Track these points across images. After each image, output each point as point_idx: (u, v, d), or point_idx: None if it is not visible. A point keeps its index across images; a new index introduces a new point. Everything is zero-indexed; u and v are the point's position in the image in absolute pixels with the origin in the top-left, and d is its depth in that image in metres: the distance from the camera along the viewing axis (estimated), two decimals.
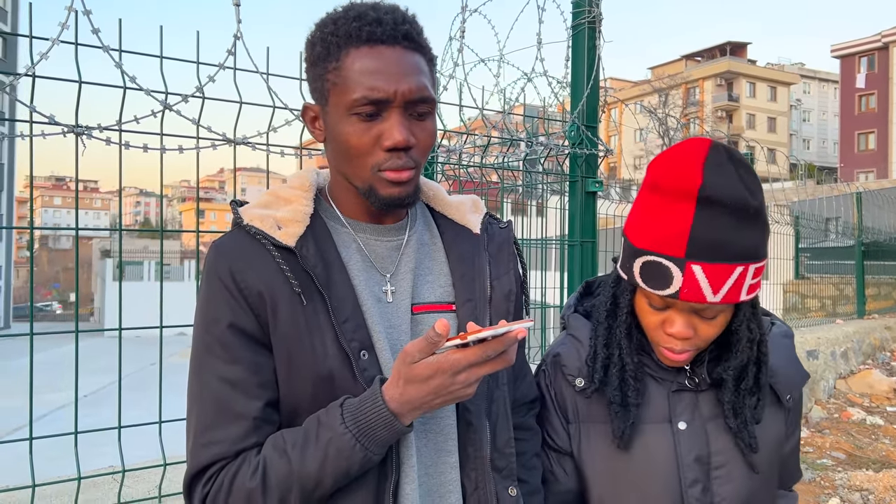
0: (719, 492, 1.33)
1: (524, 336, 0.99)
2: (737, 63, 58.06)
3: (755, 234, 1.21)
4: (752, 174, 1.22)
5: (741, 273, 1.20)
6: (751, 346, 1.31)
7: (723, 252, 1.18)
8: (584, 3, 2.72)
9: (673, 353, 1.29)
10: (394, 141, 1.05)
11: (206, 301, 1.09)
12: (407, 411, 1.01)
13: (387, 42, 1.07)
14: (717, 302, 1.21)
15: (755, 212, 1.20)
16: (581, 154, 2.72)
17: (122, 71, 1.74)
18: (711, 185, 1.18)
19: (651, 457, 1.35)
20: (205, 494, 1.04)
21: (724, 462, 1.34)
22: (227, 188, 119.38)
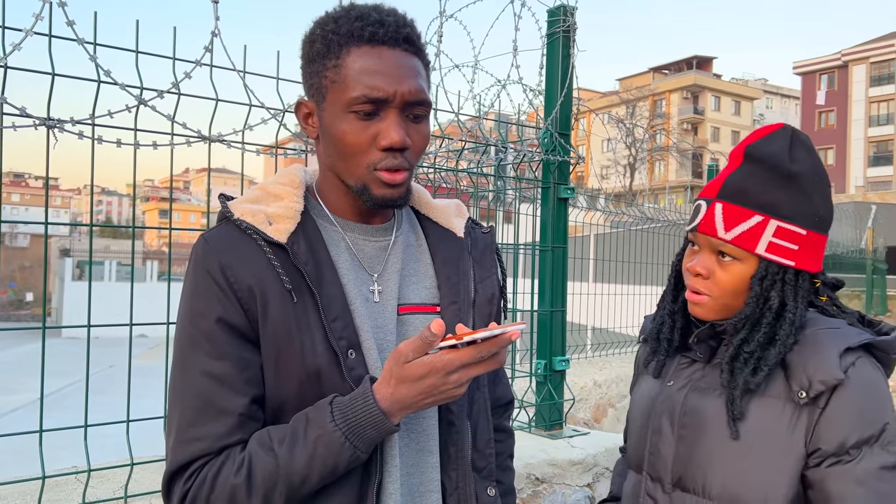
0: (683, 450, 1.39)
1: (517, 338, 1.01)
2: (703, 77, 59.17)
3: (784, 194, 1.32)
4: (806, 151, 1.35)
5: (759, 223, 1.32)
6: (758, 306, 1.33)
7: (745, 198, 1.33)
8: (559, 13, 2.76)
9: (693, 294, 1.40)
10: (390, 141, 1.07)
11: (192, 295, 1.08)
12: (397, 410, 1.02)
13: (388, 43, 1.08)
14: (728, 241, 1.33)
15: (789, 175, 1.32)
16: (554, 161, 2.76)
17: (97, 64, 1.71)
18: (758, 146, 1.35)
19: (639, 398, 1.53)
20: (185, 491, 1.04)
21: (689, 424, 1.40)
22: (191, 188, 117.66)
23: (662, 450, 1.42)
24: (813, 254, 1.37)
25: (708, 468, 1.35)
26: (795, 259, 1.34)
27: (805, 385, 1.28)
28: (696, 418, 1.38)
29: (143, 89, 1.77)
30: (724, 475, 1.33)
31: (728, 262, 1.35)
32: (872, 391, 1.28)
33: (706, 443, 1.35)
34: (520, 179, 2.94)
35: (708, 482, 1.34)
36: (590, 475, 2.61)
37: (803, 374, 1.29)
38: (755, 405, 1.33)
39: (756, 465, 1.31)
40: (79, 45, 1.68)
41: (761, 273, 1.34)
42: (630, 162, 44.75)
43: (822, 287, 1.43)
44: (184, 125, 1.84)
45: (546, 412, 2.80)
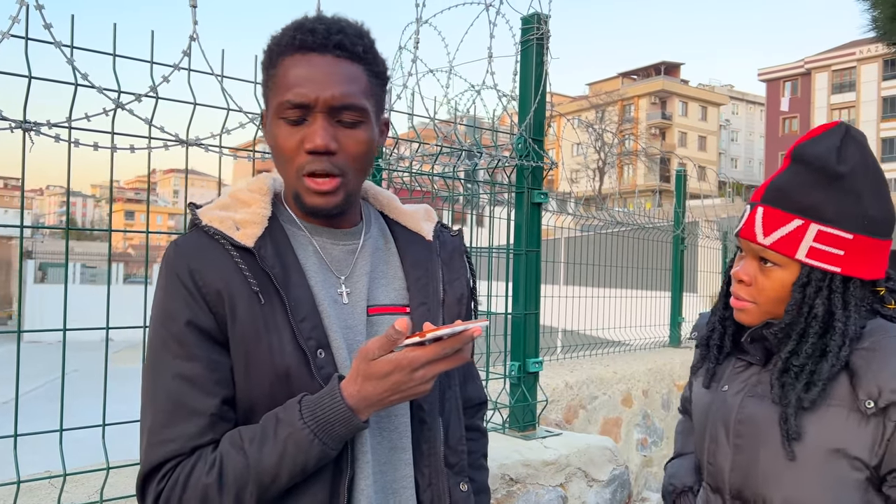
0: (740, 460, 1.35)
1: (480, 334, 1.04)
2: (670, 82, 60.10)
3: (827, 196, 1.26)
4: (861, 152, 1.28)
5: (799, 227, 1.27)
6: (801, 315, 1.29)
7: (785, 201, 1.28)
8: (533, 21, 2.81)
9: (736, 300, 1.37)
10: (313, 144, 1.09)
11: (163, 299, 1.11)
12: (364, 407, 1.05)
13: (317, 50, 1.11)
14: (766, 246, 1.29)
15: (835, 175, 1.25)
16: (528, 166, 2.80)
17: (74, 67, 1.71)
18: (807, 146, 1.29)
19: (698, 404, 1.50)
20: (159, 492, 1.05)
21: (744, 433, 1.35)
22: (158, 189, 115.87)
23: (719, 459, 1.38)
24: (866, 260, 1.28)
25: (767, 482, 1.30)
26: (842, 265, 1.27)
27: (874, 395, 1.22)
28: (752, 427, 1.34)
29: (121, 93, 1.77)
30: (786, 491, 1.28)
31: (770, 268, 1.31)
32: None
33: (764, 454, 1.30)
34: (494, 184, 2.98)
35: (768, 497, 1.30)
36: (562, 475, 2.66)
37: (873, 382, 1.22)
38: (813, 415, 1.26)
39: (819, 480, 1.25)
40: (56, 48, 1.67)
41: (803, 280, 1.28)
42: (599, 166, 45.24)
43: (889, 294, 1.36)
44: (161, 129, 1.84)
45: (520, 413, 2.84)
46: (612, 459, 2.86)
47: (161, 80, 1.83)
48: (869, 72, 49.70)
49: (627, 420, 4.51)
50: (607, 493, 2.78)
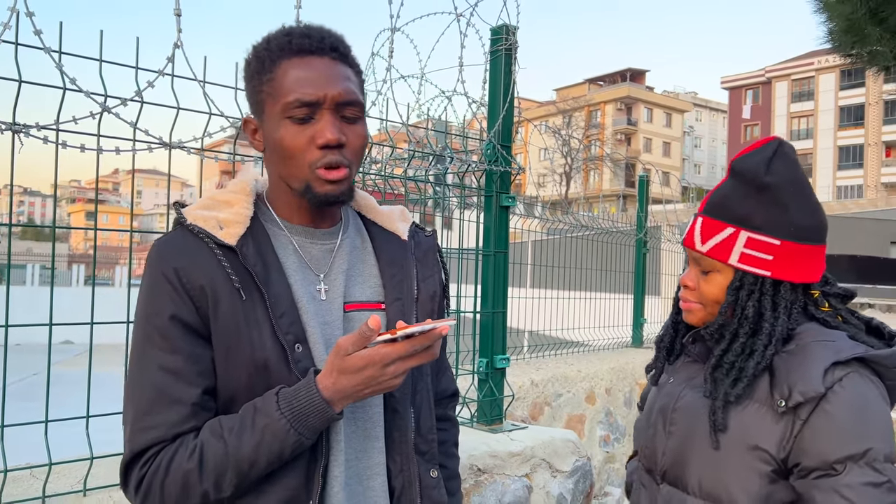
0: (672, 445, 1.47)
1: (448, 332, 1.11)
2: (636, 89, 60.87)
3: (756, 205, 1.37)
4: (788, 164, 1.38)
5: (731, 234, 1.38)
6: (734, 316, 1.39)
7: (720, 211, 1.40)
8: (501, 32, 2.92)
9: (683, 304, 1.50)
10: (326, 139, 1.15)
11: (148, 294, 1.16)
12: (338, 399, 1.10)
13: (316, 53, 1.18)
14: (704, 252, 1.42)
15: (762, 186, 1.36)
16: (496, 171, 2.92)
17: (62, 72, 1.77)
18: (740, 160, 1.40)
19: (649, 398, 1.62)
20: (141, 476, 1.10)
21: (678, 421, 1.47)
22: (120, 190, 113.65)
23: (656, 443, 1.50)
24: (796, 265, 1.37)
25: (690, 466, 1.41)
26: (771, 269, 1.37)
27: (785, 394, 1.30)
28: (685, 415, 1.45)
29: (107, 97, 1.84)
30: (701, 474, 1.39)
31: (710, 274, 1.43)
32: (858, 408, 1.27)
33: (692, 441, 1.41)
34: (464, 188, 3.09)
35: (690, 478, 1.41)
36: (528, 466, 2.77)
37: (785, 383, 1.31)
38: (738, 409, 1.36)
39: (729, 467, 1.34)
40: (45, 53, 1.74)
41: (736, 283, 1.39)
42: (566, 171, 45.67)
43: (823, 297, 1.43)
44: (146, 132, 1.91)
45: (487, 408, 2.95)
46: (575, 451, 2.98)
47: (146, 86, 1.89)
48: (827, 81, 51.00)
49: (591, 417, 4.64)
50: (570, 484, 2.90)
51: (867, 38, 7.62)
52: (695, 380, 1.49)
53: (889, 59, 7.91)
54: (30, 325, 1.76)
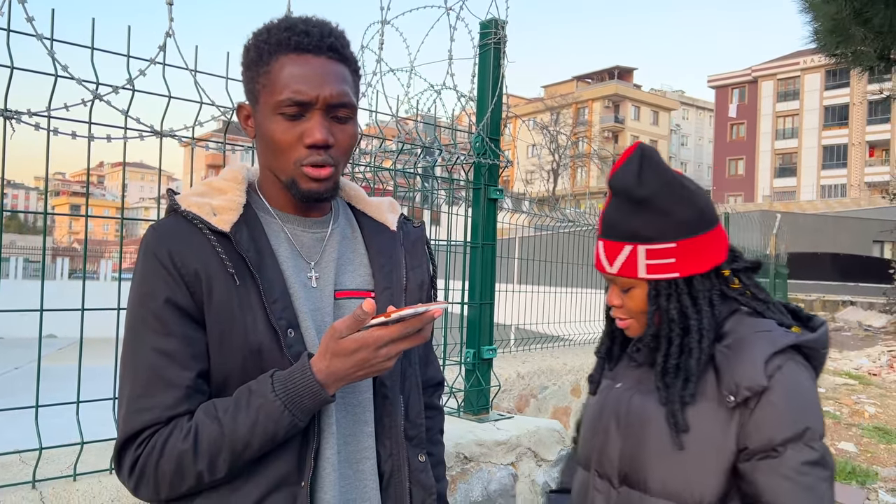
0: (627, 449, 1.48)
1: (440, 315, 1.13)
2: (623, 87, 61.07)
3: (640, 219, 1.42)
4: (655, 170, 1.43)
5: (631, 252, 1.43)
6: (662, 323, 1.44)
7: (614, 231, 1.45)
8: (490, 26, 2.95)
9: (619, 323, 1.54)
10: (314, 139, 1.17)
11: (142, 278, 1.17)
12: (332, 382, 1.12)
13: (313, 51, 1.20)
14: (615, 273, 1.46)
15: (640, 200, 1.41)
16: (485, 164, 2.95)
17: (54, 59, 1.78)
18: (615, 177, 1.44)
19: (592, 400, 1.63)
20: (136, 457, 1.12)
21: (633, 423, 1.49)
22: (105, 183, 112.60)
23: (609, 448, 1.51)
24: (698, 256, 1.43)
25: (650, 467, 1.42)
26: (678, 270, 1.42)
27: (733, 390, 1.35)
28: (639, 418, 1.46)
29: (99, 84, 1.84)
30: (665, 475, 1.41)
31: (629, 290, 1.48)
32: (797, 393, 1.35)
33: (648, 442, 1.43)
34: (452, 180, 3.11)
35: (650, 480, 1.43)
36: (513, 454, 2.81)
37: (731, 379, 1.36)
38: (692, 409, 1.39)
39: (692, 466, 1.38)
40: (37, 40, 1.74)
41: (652, 293, 1.44)
42: (553, 167, 45.80)
43: (734, 274, 1.49)
44: (137, 120, 1.92)
45: (474, 398, 2.98)
46: (560, 441, 3.02)
47: (138, 74, 1.90)
48: (812, 81, 51.41)
49: (576, 409, 4.68)
50: (555, 472, 2.94)
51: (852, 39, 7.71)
52: (643, 384, 1.51)
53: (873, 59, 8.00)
54: (20, 310, 1.76)
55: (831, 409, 6.93)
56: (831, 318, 20.26)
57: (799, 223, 27.23)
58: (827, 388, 7.94)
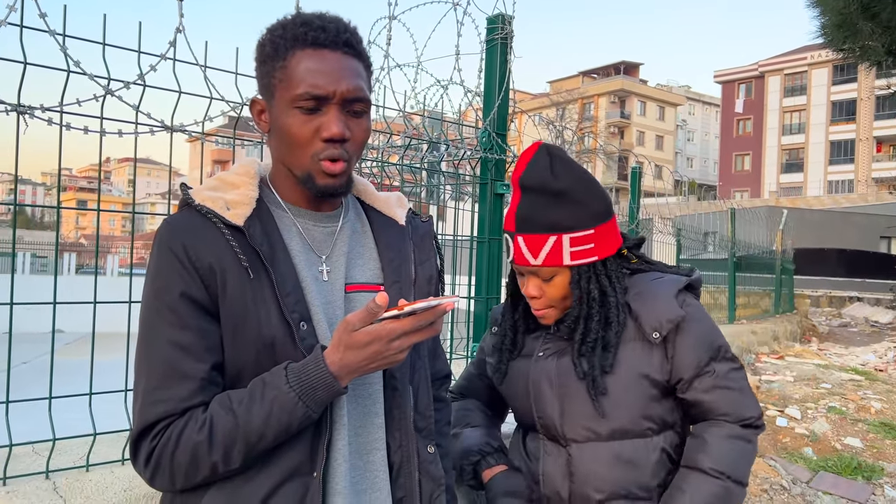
0: (566, 407, 1.63)
1: (452, 308, 1.17)
2: (630, 82, 60.94)
3: (561, 210, 1.54)
4: (566, 165, 1.57)
5: (555, 242, 1.55)
6: (584, 303, 1.59)
7: (534, 225, 1.54)
8: (497, 21, 2.96)
9: (536, 311, 1.65)
10: (331, 133, 1.19)
11: (157, 272, 1.19)
12: (345, 374, 1.14)
13: (329, 46, 1.21)
14: (541, 265, 1.56)
15: (557, 192, 1.54)
16: (491, 159, 2.96)
17: (67, 55, 1.80)
18: (526, 175, 1.56)
19: (516, 375, 1.74)
20: (152, 448, 1.14)
21: (566, 384, 1.63)
22: (112, 179, 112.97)
23: (549, 411, 1.65)
24: (609, 240, 1.61)
25: (591, 416, 1.60)
26: (596, 253, 1.58)
27: (658, 326, 1.57)
28: (568, 379, 1.62)
29: (111, 80, 1.86)
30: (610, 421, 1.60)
31: (551, 280, 1.60)
32: (704, 318, 1.63)
33: (584, 396, 1.60)
34: (458, 175, 3.12)
35: (594, 427, 1.61)
36: None
37: (654, 318, 1.58)
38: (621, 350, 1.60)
39: (630, 403, 1.59)
40: (50, 36, 1.76)
41: (575, 277, 1.59)
42: None
43: (630, 251, 1.72)
44: (148, 115, 1.94)
45: None
46: None
47: (148, 69, 1.92)
48: (819, 76, 51.17)
49: None
50: None
51: (859, 33, 7.68)
52: (563, 352, 1.66)
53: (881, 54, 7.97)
54: (32, 303, 1.78)
55: (837, 405, 6.92)
56: (838, 314, 20.21)
57: (805, 219, 27.15)
58: (833, 384, 7.93)
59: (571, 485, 1.63)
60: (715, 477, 1.54)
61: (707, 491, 1.53)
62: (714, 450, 1.56)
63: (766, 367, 8.73)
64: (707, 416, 1.61)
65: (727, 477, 1.54)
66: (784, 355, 9.86)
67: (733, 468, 1.55)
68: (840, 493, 4.67)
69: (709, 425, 1.61)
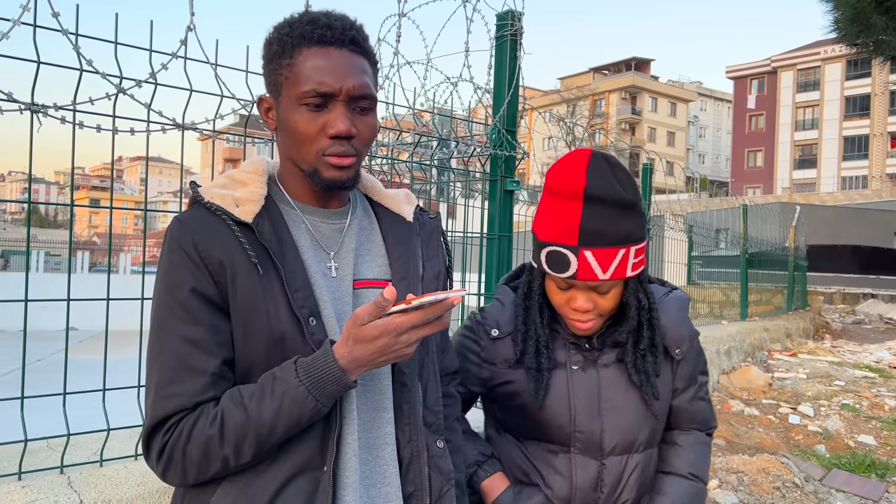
0: (607, 420, 1.63)
1: (459, 302, 1.15)
2: (641, 78, 60.63)
3: (631, 222, 1.51)
4: (626, 174, 1.53)
5: (624, 254, 1.51)
6: (639, 312, 1.60)
7: (606, 238, 1.49)
8: (507, 18, 2.95)
9: (581, 324, 1.59)
10: (337, 130, 1.19)
11: (168, 269, 1.20)
12: (354, 368, 1.14)
13: (335, 44, 1.22)
14: (608, 279, 1.52)
15: (629, 204, 1.50)
16: (501, 155, 2.96)
17: (79, 54, 1.81)
18: (593, 186, 1.48)
19: (551, 391, 1.65)
20: (164, 443, 1.14)
21: (611, 398, 1.63)
22: (125, 177, 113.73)
23: (590, 425, 1.62)
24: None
25: (630, 429, 1.62)
26: (643, 264, 1.59)
27: (679, 343, 1.68)
28: (616, 392, 1.63)
29: (123, 78, 1.88)
30: (647, 432, 1.65)
31: (605, 292, 1.57)
32: (697, 336, 1.74)
33: (628, 408, 1.63)
34: (468, 172, 3.13)
35: (632, 439, 1.63)
36: None
37: (677, 334, 1.67)
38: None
39: (657, 415, 1.66)
40: (63, 35, 1.78)
41: (633, 288, 1.59)
42: None
43: None
44: (160, 113, 1.95)
45: None
46: None
47: (160, 68, 1.94)
48: (833, 71, 50.74)
49: None
50: None
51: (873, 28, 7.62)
52: (601, 363, 1.66)
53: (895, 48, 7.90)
54: (47, 300, 1.80)
55: (851, 402, 6.88)
56: (852, 311, 20.06)
57: (819, 215, 26.95)
58: (847, 381, 7.88)
59: (601, 495, 1.64)
60: (691, 480, 1.70)
61: (686, 493, 1.68)
62: (690, 455, 1.72)
63: (779, 365, 8.69)
64: (682, 424, 1.75)
65: (699, 479, 1.71)
66: (797, 352, 9.80)
67: (703, 471, 1.73)
68: (853, 490, 4.65)
69: (681, 433, 1.76)
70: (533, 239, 1.60)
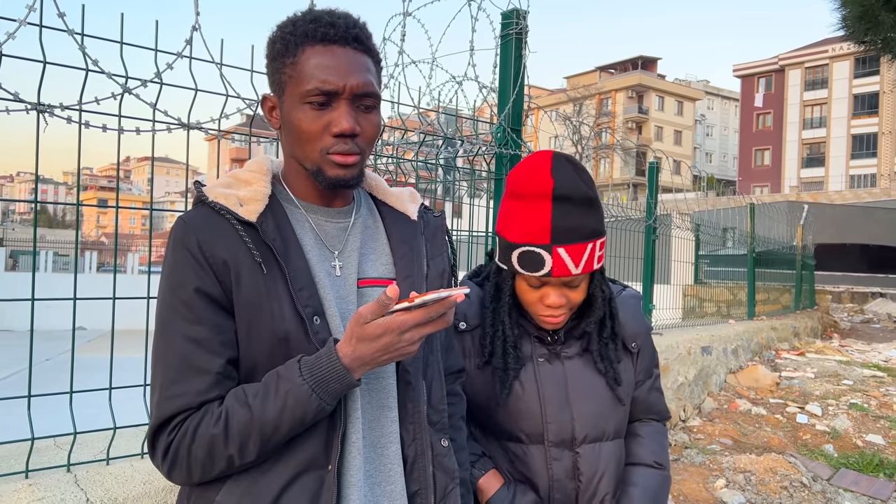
0: (577, 409, 1.68)
1: (462, 299, 1.15)
2: (647, 77, 60.47)
3: (595, 217, 1.58)
4: (586, 172, 1.60)
5: (592, 248, 1.57)
6: (604, 303, 1.70)
7: (574, 235, 1.54)
8: (512, 16, 2.95)
9: (553, 319, 1.64)
10: (341, 128, 1.19)
11: (172, 268, 1.20)
12: (358, 366, 1.14)
13: (339, 42, 1.22)
14: (580, 273, 1.57)
15: (592, 200, 1.57)
16: (506, 154, 2.95)
17: (85, 54, 1.82)
18: (560, 185, 1.52)
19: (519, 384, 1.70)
20: (169, 442, 1.15)
21: (577, 387, 1.69)
22: (132, 178, 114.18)
23: (560, 415, 1.66)
24: None
25: (600, 416, 1.69)
26: (603, 257, 1.64)
27: (635, 337, 1.78)
28: (582, 383, 1.70)
29: (128, 78, 1.88)
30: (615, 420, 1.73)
31: (576, 286, 1.62)
32: (651, 331, 1.86)
33: (595, 396, 1.70)
34: (474, 171, 3.12)
35: (603, 426, 1.70)
36: None
37: (633, 328, 1.77)
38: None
39: (622, 400, 1.74)
40: (69, 35, 1.78)
41: (598, 280, 1.67)
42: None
43: None
44: (165, 113, 1.96)
45: None
46: None
47: (165, 67, 1.94)
48: (841, 69, 50.48)
49: None
50: None
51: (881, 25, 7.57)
52: (564, 355, 1.72)
53: None
54: (54, 298, 1.81)
55: (859, 402, 6.84)
56: (860, 310, 19.95)
57: (827, 214, 26.82)
58: (855, 380, 7.84)
59: (579, 485, 1.67)
60: (657, 468, 1.78)
61: (654, 481, 1.76)
62: (653, 445, 1.81)
63: (787, 364, 8.65)
64: (640, 414, 1.84)
65: (663, 467, 1.80)
66: (805, 352, 9.76)
67: (665, 459, 1.81)
68: (861, 490, 4.62)
69: (641, 424, 1.84)
70: (500, 242, 1.62)
